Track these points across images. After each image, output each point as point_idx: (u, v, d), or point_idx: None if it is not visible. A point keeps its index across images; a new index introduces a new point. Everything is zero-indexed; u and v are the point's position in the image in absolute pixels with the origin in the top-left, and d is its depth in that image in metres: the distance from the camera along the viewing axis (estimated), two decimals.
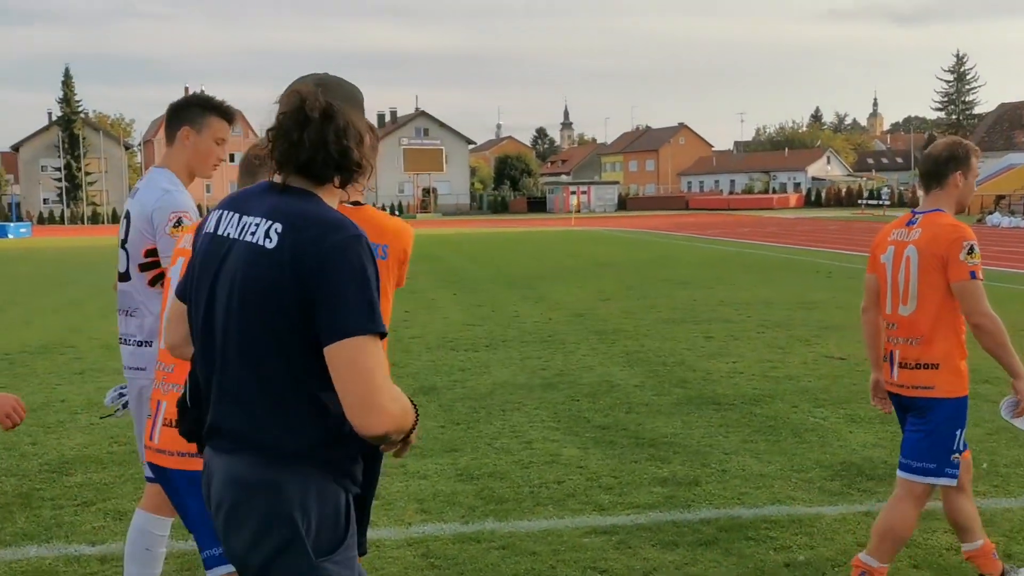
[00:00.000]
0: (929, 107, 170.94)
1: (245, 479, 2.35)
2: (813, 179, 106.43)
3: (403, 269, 3.66)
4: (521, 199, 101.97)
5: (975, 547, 4.45)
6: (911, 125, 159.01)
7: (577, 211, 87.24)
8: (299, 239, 2.26)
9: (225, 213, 2.45)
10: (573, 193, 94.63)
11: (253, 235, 2.33)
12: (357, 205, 3.51)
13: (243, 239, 2.35)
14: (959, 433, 4.24)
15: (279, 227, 2.30)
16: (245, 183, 3.57)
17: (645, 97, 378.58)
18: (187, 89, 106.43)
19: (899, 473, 4.35)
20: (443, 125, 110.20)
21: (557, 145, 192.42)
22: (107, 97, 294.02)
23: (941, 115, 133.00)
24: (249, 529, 2.34)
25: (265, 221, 2.33)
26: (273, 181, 2.42)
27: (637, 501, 5.83)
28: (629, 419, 7.91)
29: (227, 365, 2.38)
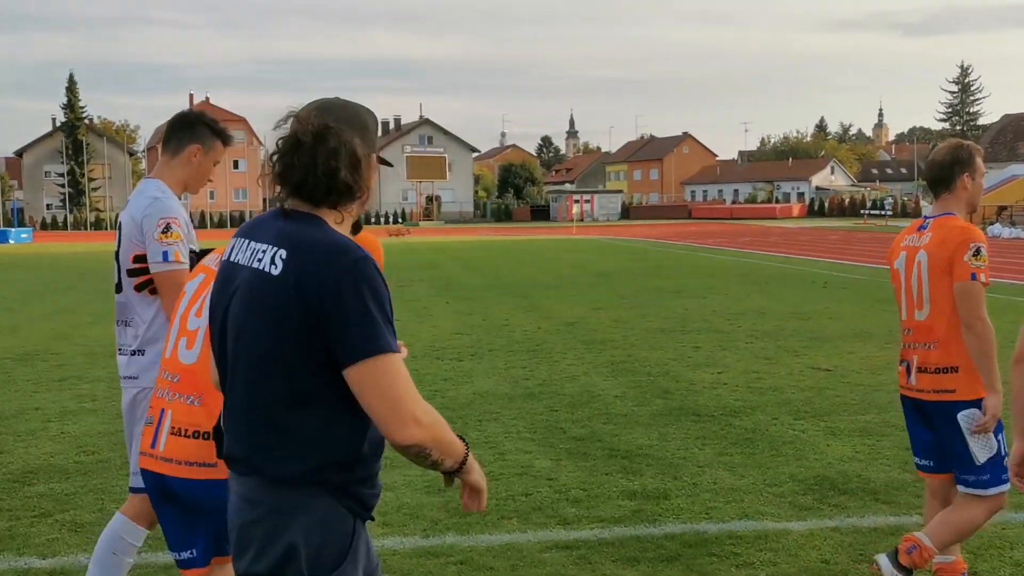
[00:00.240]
0: (934, 118, 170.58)
1: (253, 501, 2.39)
2: (817, 189, 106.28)
3: None
4: (525, 207, 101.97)
5: (948, 561, 4.35)
6: (915, 136, 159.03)
7: (580, 220, 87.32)
8: (304, 265, 2.29)
9: (239, 240, 2.50)
10: (577, 202, 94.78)
11: (260, 262, 2.37)
12: None
13: (251, 266, 2.39)
14: (1000, 438, 4.21)
15: (283, 253, 2.33)
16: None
17: (650, 106, 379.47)
18: (191, 97, 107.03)
19: (961, 489, 4.30)
20: (447, 133, 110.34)
21: (563, 154, 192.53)
22: (112, 104, 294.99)
23: (946, 126, 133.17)
24: (253, 550, 2.39)
25: (271, 248, 2.36)
26: (281, 207, 2.46)
27: (603, 515, 5.74)
28: (606, 430, 7.82)
29: (237, 390, 2.43)
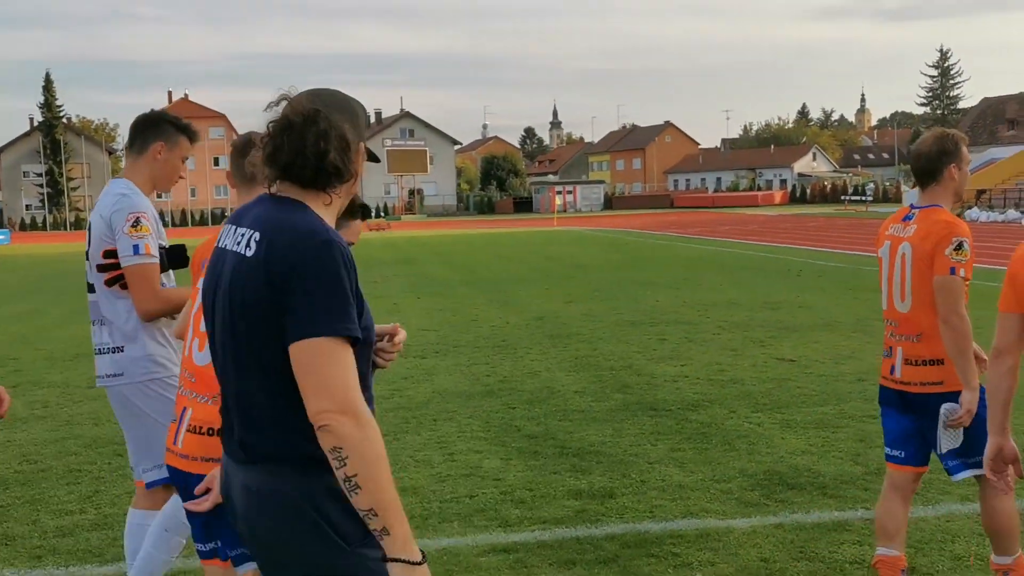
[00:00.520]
0: (915, 102, 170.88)
1: (255, 489, 2.38)
2: (799, 176, 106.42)
3: None
4: (507, 199, 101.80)
5: (1009, 561, 4.21)
6: (895, 121, 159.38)
7: (564, 211, 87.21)
8: (272, 246, 2.31)
9: (227, 227, 2.53)
10: (559, 193, 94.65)
11: (238, 245, 2.40)
12: None
13: (234, 250, 2.42)
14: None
15: (257, 236, 2.35)
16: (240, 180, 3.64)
17: (631, 96, 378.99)
18: (170, 94, 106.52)
19: (965, 474, 4.19)
20: (428, 126, 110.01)
21: (546, 145, 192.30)
22: (91, 102, 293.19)
23: (927, 110, 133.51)
24: (272, 537, 2.37)
25: (250, 231, 2.39)
26: (267, 193, 2.47)
27: (546, 516, 5.65)
28: (560, 427, 7.73)
29: (227, 375, 2.44)
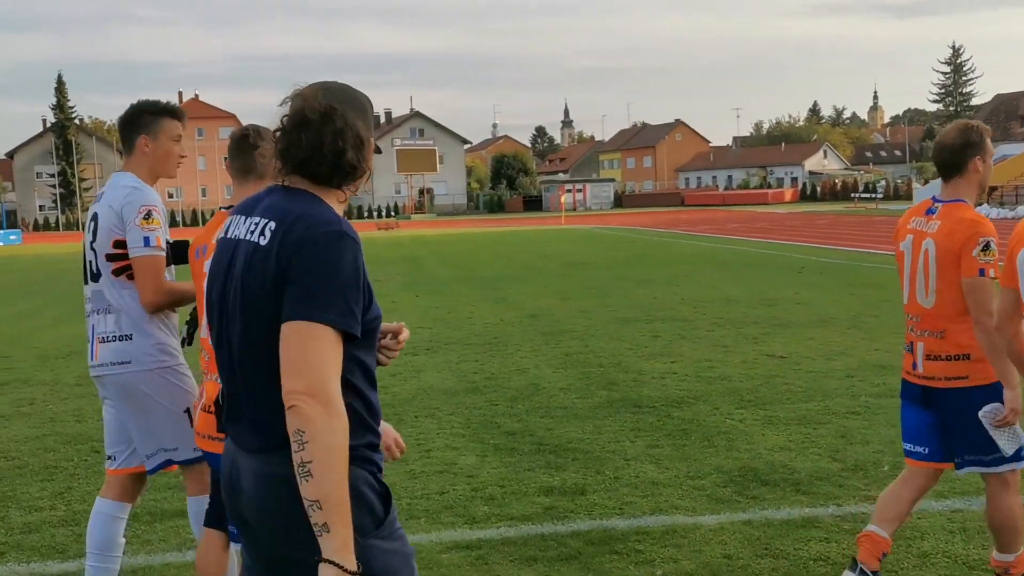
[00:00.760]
0: (927, 99, 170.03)
1: (266, 476, 2.37)
2: (810, 173, 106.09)
3: None
4: (517, 198, 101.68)
5: (1011, 558, 4.17)
6: (906, 118, 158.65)
7: (573, 209, 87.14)
8: (287, 234, 2.32)
9: (236, 217, 2.53)
10: (569, 191, 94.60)
11: (251, 233, 2.41)
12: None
13: (246, 239, 2.42)
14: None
15: (272, 224, 2.37)
16: (240, 173, 3.83)
17: (642, 94, 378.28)
18: (180, 95, 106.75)
19: (973, 470, 4.16)
20: (438, 125, 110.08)
21: (557, 144, 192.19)
22: (103, 104, 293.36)
23: (939, 107, 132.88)
24: (284, 525, 2.35)
25: (263, 220, 2.40)
26: (278, 184, 2.49)
27: (514, 513, 5.60)
28: (540, 424, 7.69)
29: (237, 362, 2.43)
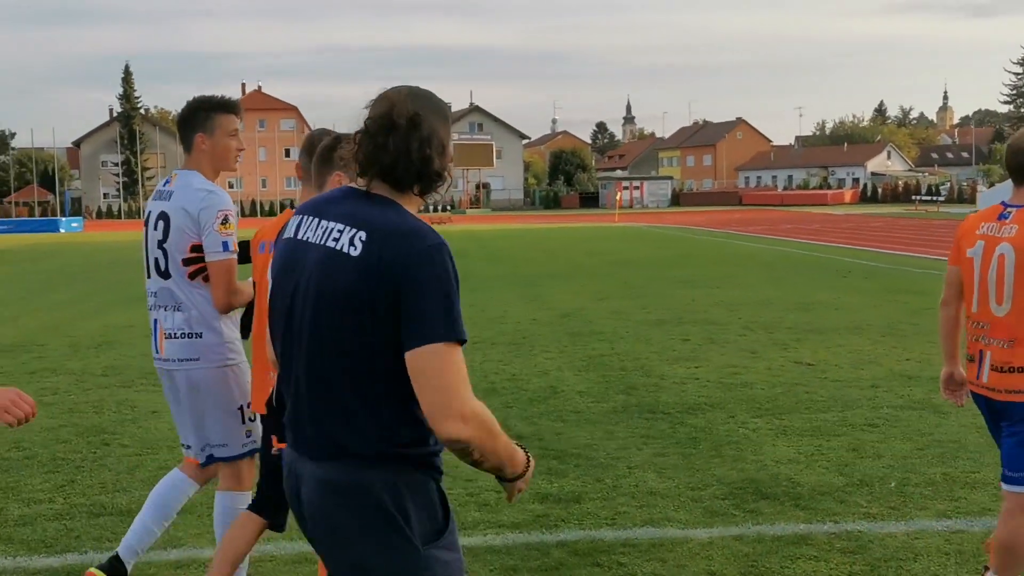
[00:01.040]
0: (998, 100, 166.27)
1: (335, 483, 2.38)
2: (872, 174, 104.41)
3: None
4: (573, 195, 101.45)
5: None
6: (977, 119, 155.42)
7: (630, 206, 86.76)
8: (384, 248, 2.29)
9: (306, 218, 2.47)
10: (626, 188, 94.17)
11: (336, 241, 2.35)
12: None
13: (324, 244, 2.37)
14: None
15: (363, 235, 2.32)
16: (321, 173, 3.82)
17: (704, 92, 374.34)
18: (244, 86, 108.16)
19: (1004, 486, 4.01)
20: (496, 120, 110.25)
21: (618, 140, 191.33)
22: (169, 94, 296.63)
23: (1010, 108, 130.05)
24: (349, 532, 2.37)
25: (348, 228, 2.35)
26: (354, 187, 2.45)
27: (505, 520, 5.54)
28: (551, 428, 7.61)
29: (307, 370, 2.40)
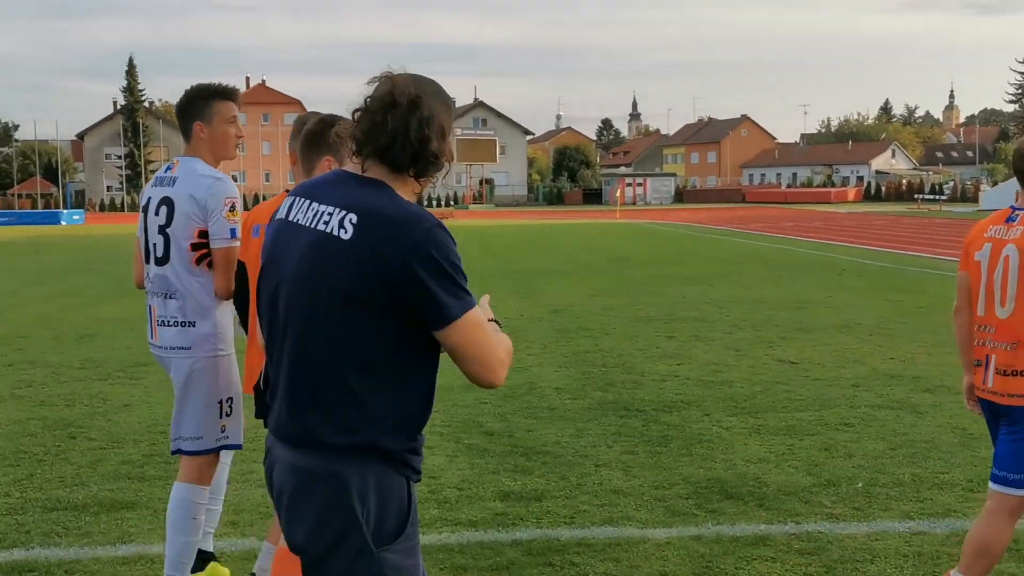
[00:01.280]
0: (1003, 99, 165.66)
1: (307, 470, 2.35)
2: (877, 173, 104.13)
3: None
4: (577, 191, 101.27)
5: None
6: (982, 118, 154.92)
7: (633, 203, 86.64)
8: (378, 234, 2.25)
9: (297, 200, 2.43)
10: (629, 185, 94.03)
11: (326, 224, 2.31)
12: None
13: (315, 227, 2.33)
14: None
15: (354, 218, 2.27)
16: (308, 158, 3.89)
17: (708, 88, 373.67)
18: (248, 80, 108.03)
19: (992, 486, 3.97)
20: (500, 115, 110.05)
21: (624, 136, 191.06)
22: (174, 87, 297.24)
23: (1016, 107, 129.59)
24: (310, 519, 2.35)
25: (339, 211, 2.30)
26: (347, 170, 2.40)
27: (462, 518, 5.46)
28: (523, 425, 7.54)
29: (291, 356, 2.37)
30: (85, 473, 6.33)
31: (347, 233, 2.27)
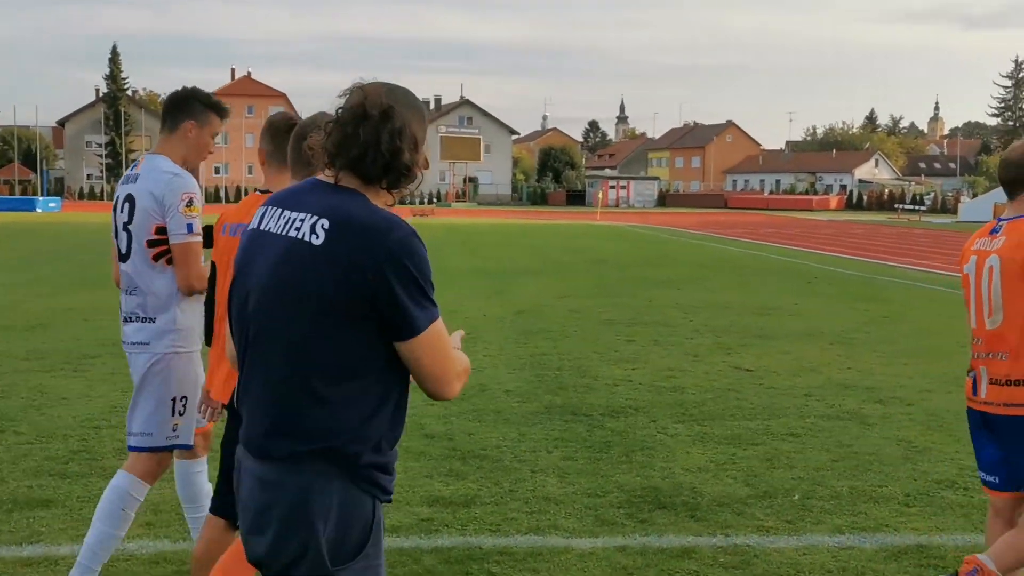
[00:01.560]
0: (986, 113, 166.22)
1: (272, 481, 2.32)
2: (860, 182, 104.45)
3: None
4: (560, 192, 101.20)
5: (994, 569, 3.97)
6: (961, 131, 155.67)
7: (615, 205, 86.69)
8: (350, 240, 2.23)
9: (270, 209, 2.43)
10: (612, 188, 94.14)
11: (298, 230, 2.30)
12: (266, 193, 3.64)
13: (286, 234, 2.32)
14: None
15: (325, 223, 2.26)
16: (276, 161, 3.94)
17: (695, 93, 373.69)
18: (233, 71, 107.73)
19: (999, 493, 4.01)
20: (486, 114, 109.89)
21: (610, 139, 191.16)
22: (160, 76, 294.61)
23: (999, 121, 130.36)
24: (271, 532, 2.32)
25: (311, 217, 2.29)
26: (320, 179, 2.39)
27: (386, 523, 5.32)
28: (465, 428, 7.41)
29: (261, 365, 2.35)
30: (6, 469, 6.16)
31: (319, 239, 2.25)
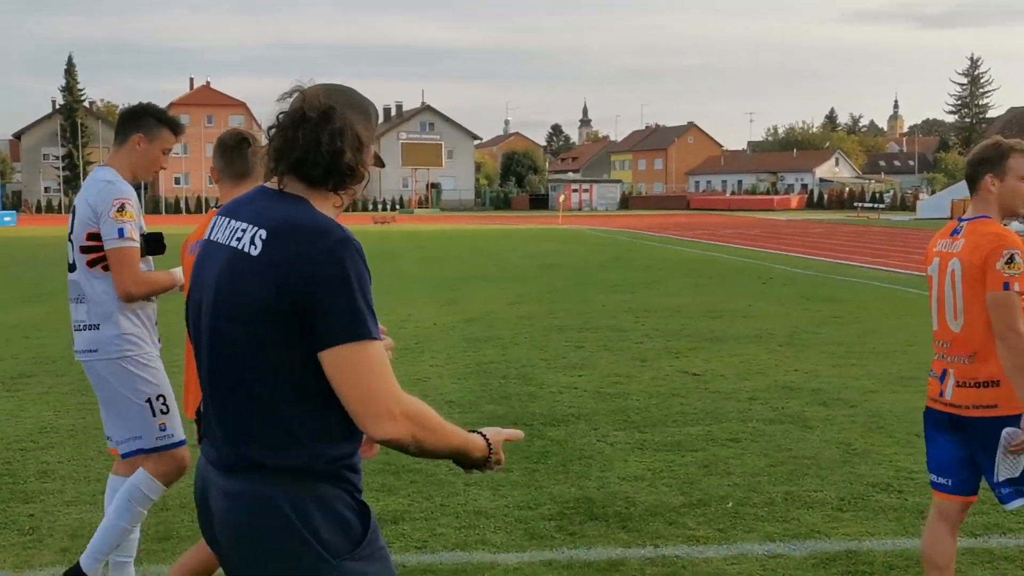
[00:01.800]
0: (943, 110, 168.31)
1: (240, 496, 2.26)
2: (820, 180, 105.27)
3: None
4: (524, 196, 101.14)
5: None
6: (920, 128, 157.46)
7: (579, 209, 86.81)
8: (285, 247, 2.19)
9: (220, 219, 2.41)
10: (575, 191, 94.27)
11: (239, 240, 2.28)
12: None
13: (229, 244, 2.30)
14: None
15: (263, 234, 2.23)
16: (236, 176, 4.15)
17: (656, 95, 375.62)
18: (192, 81, 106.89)
19: (1020, 503, 3.91)
20: (448, 120, 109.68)
21: (574, 142, 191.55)
22: (118, 87, 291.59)
23: (956, 118, 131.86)
24: (255, 547, 2.25)
25: (251, 227, 2.27)
26: (267, 187, 2.36)
27: None
28: None
29: (213, 376, 2.33)
30: None
31: (256, 249, 2.22)
